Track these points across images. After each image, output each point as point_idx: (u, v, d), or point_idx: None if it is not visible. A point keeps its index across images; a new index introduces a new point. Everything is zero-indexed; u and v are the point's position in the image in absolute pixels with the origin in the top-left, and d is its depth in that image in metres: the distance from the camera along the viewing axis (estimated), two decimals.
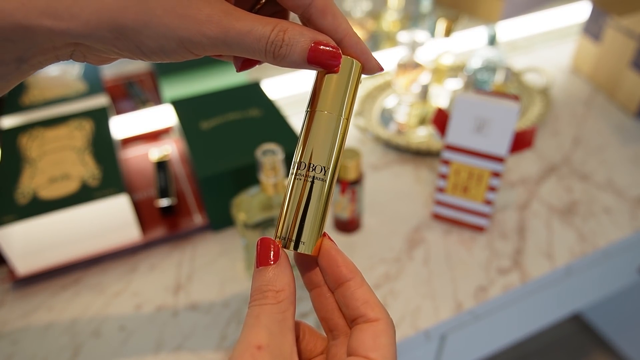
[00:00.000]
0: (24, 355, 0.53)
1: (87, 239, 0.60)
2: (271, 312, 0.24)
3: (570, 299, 0.78)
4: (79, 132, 0.68)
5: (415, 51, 0.79)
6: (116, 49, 0.23)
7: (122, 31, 0.22)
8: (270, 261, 0.26)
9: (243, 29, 0.24)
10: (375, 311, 0.26)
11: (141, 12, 0.22)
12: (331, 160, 0.26)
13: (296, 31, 0.25)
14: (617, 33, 0.85)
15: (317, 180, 0.26)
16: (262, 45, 0.24)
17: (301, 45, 0.25)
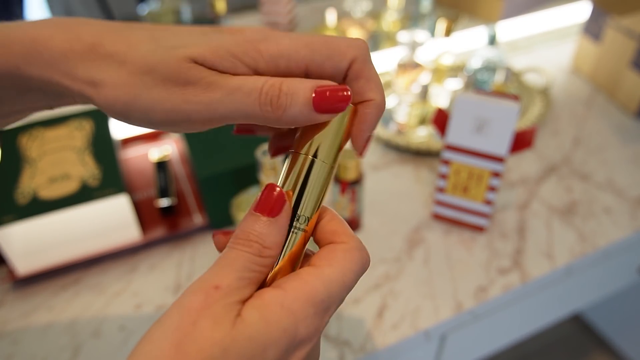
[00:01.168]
0: (24, 355, 0.53)
1: (87, 239, 0.60)
2: (250, 262, 0.23)
3: (570, 299, 0.78)
4: (79, 132, 0.68)
5: (415, 51, 0.79)
6: (111, 116, 0.25)
7: (115, 105, 0.24)
8: (271, 212, 0.24)
9: (231, 86, 0.23)
10: (342, 237, 0.25)
11: (133, 87, 0.24)
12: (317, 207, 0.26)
13: (294, 80, 0.23)
14: (617, 33, 0.85)
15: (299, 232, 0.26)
16: (254, 99, 0.23)
17: (303, 93, 0.23)
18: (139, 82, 0.23)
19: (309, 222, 0.26)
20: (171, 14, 0.97)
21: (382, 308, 0.57)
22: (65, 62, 0.23)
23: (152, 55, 0.23)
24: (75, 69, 0.23)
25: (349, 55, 0.25)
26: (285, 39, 0.24)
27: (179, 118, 0.24)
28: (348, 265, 0.24)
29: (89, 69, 0.23)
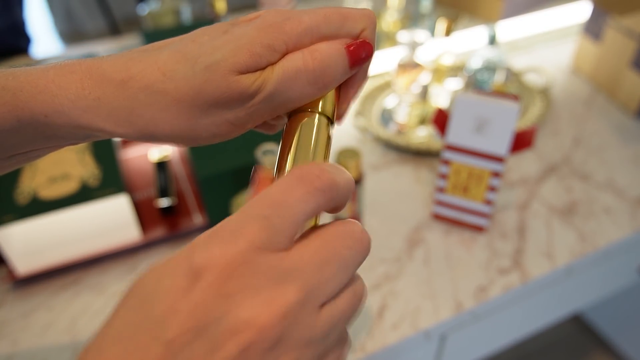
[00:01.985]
0: (24, 355, 0.53)
1: (87, 239, 0.60)
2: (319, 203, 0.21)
3: (570, 299, 0.78)
4: None
5: (415, 51, 0.79)
6: (149, 144, 0.26)
7: (161, 139, 0.24)
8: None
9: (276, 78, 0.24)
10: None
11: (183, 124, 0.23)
12: None
13: (322, 45, 0.24)
14: (617, 33, 0.85)
15: None
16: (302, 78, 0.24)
17: (337, 52, 0.24)
18: (189, 114, 0.23)
19: None
20: (171, 14, 0.97)
21: (382, 308, 0.57)
22: (102, 106, 0.23)
23: (194, 79, 0.22)
24: (117, 114, 0.23)
25: (360, 24, 0.25)
26: (305, 16, 0.24)
27: (249, 125, 0.25)
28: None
29: (131, 112, 0.23)
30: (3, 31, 1.14)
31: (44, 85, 0.23)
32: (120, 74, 0.23)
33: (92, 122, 0.23)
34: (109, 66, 0.23)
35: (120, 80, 0.22)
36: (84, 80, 0.22)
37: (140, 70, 0.22)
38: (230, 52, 0.23)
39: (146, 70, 0.22)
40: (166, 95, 0.22)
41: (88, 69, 0.23)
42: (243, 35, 0.23)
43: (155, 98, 0.22)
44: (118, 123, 0.23)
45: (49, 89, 0.22)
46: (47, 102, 0.22)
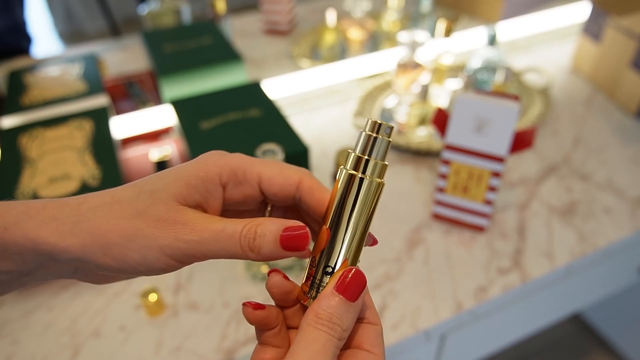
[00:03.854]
0: (24, 355, 0.53)
1: None
2: (335, 346, 0.26)
3: (570, 299, 0.78)
4: (79, 132, 0.68)
5: (415, 51, 0.79)
6: (107, 265, 0.26)
7: (110, 247, 0.26)
8: (352, 297, 0.26)
9: (216, 229, 0.26)
10: (375, 316, 0.28)
11: (127, 229, 0.26)
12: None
13: (268, 222, 0.26)
14: (617, 33, 0.85)
15: None
16: (235, 240, 0.26)
17: (274, 234, 0.26)
18: (131, 226, 0.26)
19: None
20: (171, 14, 0.97)
21: (382, 308, 0.57)
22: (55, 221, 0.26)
23: (138, 202, 0.26)
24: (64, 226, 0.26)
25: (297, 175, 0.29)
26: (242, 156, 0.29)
27: (171, 258, 0.26)
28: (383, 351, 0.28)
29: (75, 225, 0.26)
30: (4, 31, 1.15)
31: (14, 206, 0.26)
32: (78, 199, 0.27)
33: (40, 235, 0.26)
34: (72, 197, 0.27)
35: (77, 203, 0.27)
36: (47, 204, 0.26)
37: (94, 196, 0.27)
38: (170, 183, 0.27)
39: (99, 196, 0.27)
40: (111, 211, 0.26)
41: (53, 200, 0.27)
42: (182, 169, 0.28)
43: (102, 213, 0.26)
44: (63, 235, 0.26)
45: (18, 208, 0.26)
46: (11, 217, 0.26)
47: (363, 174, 0.26)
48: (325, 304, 0.26)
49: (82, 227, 0.26)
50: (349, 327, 0.26)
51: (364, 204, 0.27)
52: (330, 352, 0.25)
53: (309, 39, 1.04)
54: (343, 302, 0.26)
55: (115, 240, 0.26)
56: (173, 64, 0.76)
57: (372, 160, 0.27)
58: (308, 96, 0.91)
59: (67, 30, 2.76)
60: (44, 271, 0.28)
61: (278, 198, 0.30)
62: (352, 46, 1.00)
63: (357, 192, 0.27)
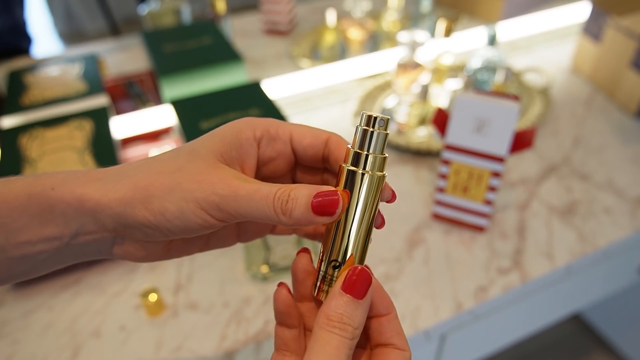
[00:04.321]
0: (24, 355, 0.53)
1: None
2: (348, 347, 0.26)
3: (570, 299, 0.78)
4: (79, 132, 0.68)
5: (415, 51, 0.79)
6: (146, 220, 0.27)
7: (150, 200, 0.27)
8: (359, 295, 0.27)
9: (251, 188, 0.27)
10: (404, 343, 0.29)
11: (167, 182, 0.27)
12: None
13: (301, 187, 0.27)
14: (617, 33, 0.85)
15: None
16: (269, 201, 0.26)
17: (306, 198, 0.26)
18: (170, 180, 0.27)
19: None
20: (171, 14, 0.97)
21: None
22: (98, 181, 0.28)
23: (177, 158, 0.28)
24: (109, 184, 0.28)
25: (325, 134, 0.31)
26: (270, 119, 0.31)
27: (209, 207, 0.27)
28: None
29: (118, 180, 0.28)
30: (4, 31, 1.15)
31: (60, 172, 0.28)
32: (121, 164, 0.29)
33: (85, 192, 0.27)
34: (113, 167, 0.29)
35: (119, 166, 0.29)
36: (92, 169, 0.29)
37: (136, 159, 0.29)
38: (208, 141, 0.29)
39: (139, 160, 0.29)
40: (151, 168, 0.28)
41: (90, 169, 0.29)
42: (218, 129, 0.30)
43: (143, 170, 0.28)
44: (106, 192, 0.27)
45: (64, 174, 0.28)
46: (58, 179, 0.27)
47: (364, 170, 0.27)
48: (334, 305, 0.26)
49: (124, 183, 0.27)
50: (360, 325, 0.27)
51: (367, 198, 0.27)
52: (344, 354, 0.26)
53: (309, 39, 1.04)
54: (351, 301, 0.26)
55: (155, 193, 0.27)
56: (173, 64, 0.76)
57: (371, 155, 0.27)
58: (308, 96, 0.91)
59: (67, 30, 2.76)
60: (84, 239, 0.28)
61: (308, 155, 0.31)
62: (352, 46, 1.00)
63: (360, 187, 0.27)
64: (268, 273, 0.59)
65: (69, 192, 0.27)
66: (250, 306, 0.57)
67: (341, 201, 0.27)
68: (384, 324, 0.29)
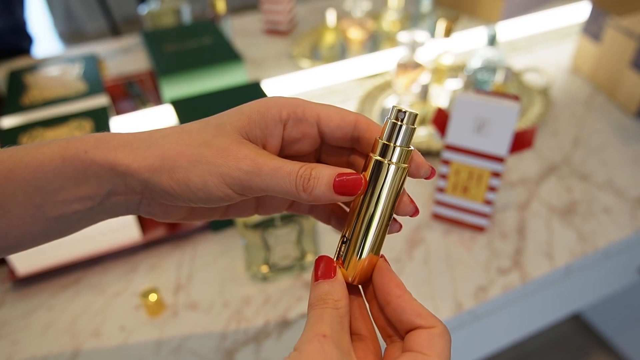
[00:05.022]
0: (24, 355, 0.53)
1: (87, 239, 0.60)
2: (332, 315, 0.28)
3: (570, 299, 0.78)
4: (79, 132, 0.68)
5: (415, 51, 0.79)
6: (171, 189, 0.28)
7: (176, 170, 0.28)
8: (327, 277, 0.29)
9: (275, 165, 0.28)
10: (429, 320, 0.28)
11: (193, 155, 0.28)
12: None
13: (322, 166, 0.28)
14: (617, 33, 0.85)
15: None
16: (292, 178, 0.28)
17: (327, 177, 0.28)
18: (197, 152, 0.28)
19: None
20: (171, 14, 0.97)
21: None
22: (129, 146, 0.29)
23: (205, 132, 0.29)
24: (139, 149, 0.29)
25: (353, 116, 0.31)
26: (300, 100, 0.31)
27: (233, 182, 0.28)
28: (446, 352, 0.28)
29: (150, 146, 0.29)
30: (4, 31, 1.15)
31: (92, 136, 0.30)
32: (151, 130, 0.29)
33: (117, 157, 0.28)
34: (145, 130, 0.30)
35: (149, 132, 0.29)
36: (122, 133, 0.30)
37: (166, 127, 0.30)
38: (234, 117, 0.30)
39: (170, 127, 0.30)
40: (180, 139, 0.29)
41: (125, 131, 0.30)
42: (245, 106, 0.30)
43: (172, 139, 0.29)
44: (136, 157, 0.29)
45: (95, 137, 0.30)
46: (91, 142, 0.29)
47: (389, 160, 0.29)
48: (313, 293, 0.29)
49: (153, 151, 0.28)
50: (341, 297, 0.29)
51: (391, 187, 0.29)
52: (327, 319, 0.27)
53: (309, 39, 1.04)
54: (324, 282, 0.29)
55: (182, 164, 0.28)
56: (173, 64, 0.76)
57: (398, 147, 0.29)
58: (308, 96, 0.91)
59: (67, 30, 2.76)
60: (115, 199, 0.30)
61: (335, 136, 0.31)
62: (352, 46, 1.00)
63: (385, 176, 0.29)
64: (268, 273, 0.59)
65: (102, 155, 0.28)
66: (250, 306, 0.57)
67: (364, 181, 0.28)
68: (399, 309, 0.29)
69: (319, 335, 0.26)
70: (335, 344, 0.26)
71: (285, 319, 0.55)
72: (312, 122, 0.31)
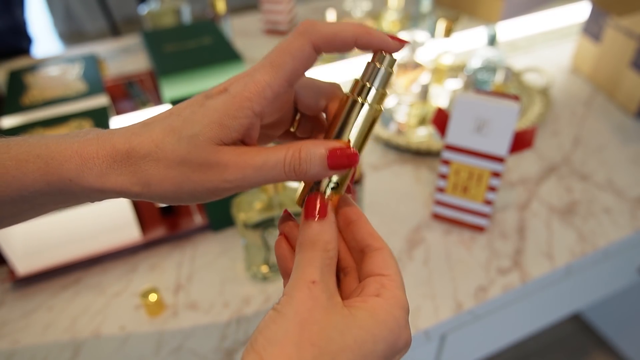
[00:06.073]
0: (24, 355, 0.53)
1: (87, 239, 0.60)
2: (322, 257, 0.28)
3: (570, 299, 0.78)
4: None
5: (415, 51, 0.79)
6: (165, 203, 0.30)
7: (165, 194, 0.29)
8: (315, 215, 0.29)
9: (258, 163, 0.28)
10: (379, 242, 0.30)
11: (176, 178, 0.28)
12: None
13: (310, 145, 0.28)
14: (617, 33, 0.85)
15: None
16: (279, 169, 0.28)
17: (319, 157, 0.28)
18: (179, 173, 0.28)
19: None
20: (171, 14, 0.97)
21: None
22: (113, 171, 0.29)
23: (179, 149, 0.28)
24: (122, 176, 0.29)
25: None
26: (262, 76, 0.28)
27: (220, 194, 0.29)
28: (398, 269, 0.30)
29: (133, 174, 0.29)
30: (4, 31, 1.15)
31: (70, 156, 0.29)
32: (125, 145, 0.29)
33: (104, 184, 0.29)
34: (117, 139, 0.29)
35: (125, 151, 0.29)
36: (99, 152, 0.29)
37: (139, 142, 0.29)
38: (206, 127, 0.28)
39: (143, 143, 0.29)
40: (159, 162, 0.28)
41: (102, 142, 0.29)
42: (215, 110, 0.28)
43: (151, 164, 0.28)
44: (124, 183, 0.29)
45: (74, 160, 0.29)
46: (72, 169, 0.29)
47: (364, 100, 0.29)
48: (303, 233, 0.29)
49: (139, 177, 0.29)
50: (331, 239, 0.29)
51: (363, 127, 0.30)
52: (317, 263, 0.28)
53: None
54: (315, 223, 0.29)
55: (169, 189, 0.29)
56: (173, 64, 0.76)
57: (374, 89, 0.29)
58: None
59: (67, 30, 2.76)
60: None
61: (312, 111, 0.32)
62: None
63: (357, 115, 0.29)
64: (268, 273, 0.59)
65: (87, 185, 0.29)
66: (250, 306, 0.57)
67: (359, 156, 0.29)
68: (355, 230, 0.30)
69: (308, 282, 0.27)
70: (323, 288, 0.27)
71: None
72: (290, 105, 0.31)
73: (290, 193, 0.53)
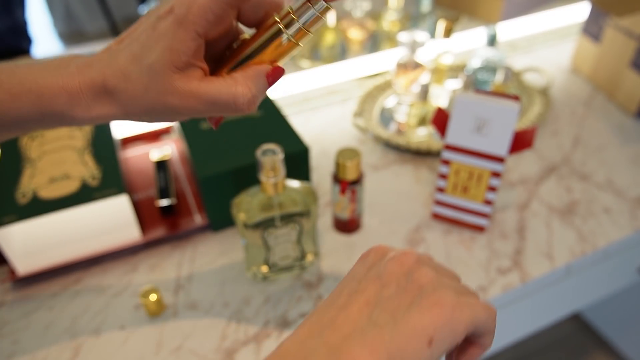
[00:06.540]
0: (24, 355, 0.53)
1: (87, 239, 0.60)
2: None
3: (570, 299, 0.78)
4: (79, 132, 0.68)
5: (415, 51, 0.79)
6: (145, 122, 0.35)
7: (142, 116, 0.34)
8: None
9: (210, 98, 0.33)
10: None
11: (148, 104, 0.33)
12: None
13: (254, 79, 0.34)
14: (617, 33, 0.85)
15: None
16: (233, 106, 0.34)
17: (264, 86, 0.35)
18: (148, 99, 0.33)
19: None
20: None
21: None
22: (96, 104, 0.33)
23: (142, 77, 0.32)
24: (105, 106, 0.33)
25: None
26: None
27: (186, 116, 0.34)
28: None
29: (112, 103, 0.33)
30: (4, 32, 1.15)
31: (58, 92, 0.32)
32: (100, 77, 0.33)
33: (91, 114, 0.34)
34: (93, 72, 0.33)
35: (101, 83, 0.33)
36: (81, 86, 0.33)
37: (110, 73, 0.33)
38: (160, 54, 0.31)
39: (114, 74, 0.32)
40: (129, 92, 0.33)
41: (82, 76, 0.33)
42: (164, 35, 0.31)
43: (125, 94, 0.33)
44: (108, 111, 0.33)
45: (62, 95, 0.32)
46: (62, 104, 0.33)
47: (287, 32, 0.33)
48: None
49: (117, 105, 0.33)
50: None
51: (276, 52, 0.34)
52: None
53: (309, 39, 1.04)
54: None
55: (143, 112, 0.33)
56: None
57: (298, 23, 0.32)
58: (308, 96, 0.91)
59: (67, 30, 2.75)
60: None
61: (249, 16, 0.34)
62: (352, 46, 1.00)
63: (275, 41, 0.33)
64: (268, 273, 0.59)
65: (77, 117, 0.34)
66: (250, 306, 0.57)
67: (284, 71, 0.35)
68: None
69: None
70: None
71: (285, 319, 0.55)
72: (232, 22, 0.34)
73: (290, 193, 0.53)
